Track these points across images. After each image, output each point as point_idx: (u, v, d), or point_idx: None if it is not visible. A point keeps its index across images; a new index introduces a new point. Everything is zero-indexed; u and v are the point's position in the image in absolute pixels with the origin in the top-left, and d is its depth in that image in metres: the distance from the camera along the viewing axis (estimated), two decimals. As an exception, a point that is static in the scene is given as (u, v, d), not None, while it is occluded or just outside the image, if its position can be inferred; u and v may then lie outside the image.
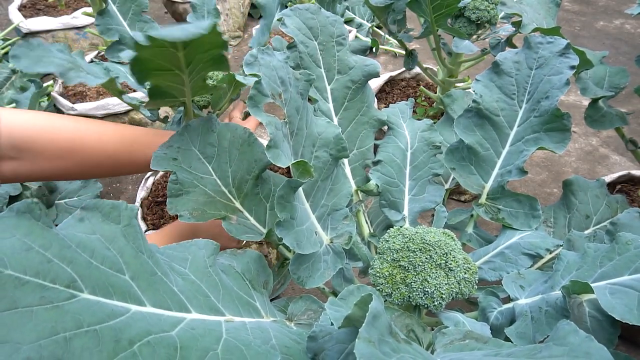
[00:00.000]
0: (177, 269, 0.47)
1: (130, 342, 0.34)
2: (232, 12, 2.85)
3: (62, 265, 0.33)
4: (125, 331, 0.34)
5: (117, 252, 0.38)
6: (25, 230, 0.33)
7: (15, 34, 2.40)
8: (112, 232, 0.39)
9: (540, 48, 0.89)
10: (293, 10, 0.89)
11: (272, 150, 0.51)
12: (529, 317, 0.63)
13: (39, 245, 0.33)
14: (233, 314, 0.48)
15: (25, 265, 0.31)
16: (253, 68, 0.48)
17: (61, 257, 0.34)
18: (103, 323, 0.33)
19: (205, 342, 0.40)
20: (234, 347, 0.41)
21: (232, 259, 0.61)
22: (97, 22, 1.34)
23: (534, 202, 0.91)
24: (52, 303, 0.31)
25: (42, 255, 0.33)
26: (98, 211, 0.39)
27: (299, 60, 0.89)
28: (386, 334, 0.30)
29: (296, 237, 0.62)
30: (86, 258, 0.36)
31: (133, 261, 0.39)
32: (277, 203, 0.57)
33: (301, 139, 0.67)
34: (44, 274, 0.32)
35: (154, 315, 0.38)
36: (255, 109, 0.44)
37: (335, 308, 0.41)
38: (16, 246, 0.32)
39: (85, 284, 0.34)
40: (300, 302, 0.65)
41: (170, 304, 0.40)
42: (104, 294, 0.35)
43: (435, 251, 0.70)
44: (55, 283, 0.32)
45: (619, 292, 0.56)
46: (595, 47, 2.73)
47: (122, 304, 0.36)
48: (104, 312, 0.34)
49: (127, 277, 0.38)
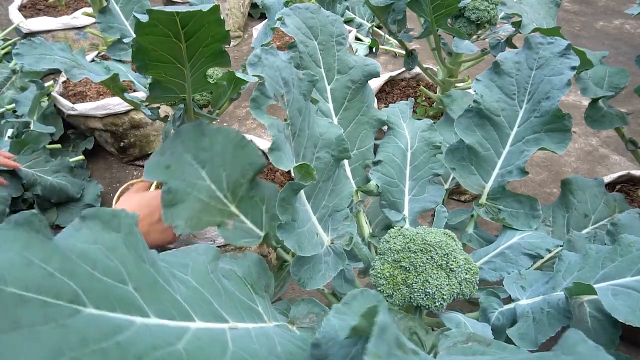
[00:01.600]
0: (178, 276, 0.46)
1: (138, 359, 0.33)
2: (232, 12, 2.85)
3: (64, 279, 0.32)
4: (131, 347, 0.33)
5: (119, 262, 0.37)
6: (24, 243, 0.32)
7: (16, 34, 2.39)
8: (113, 241, 0.38)
9: (541, 48, 0.89)
10: (293, 9, 0.89)
11: (274, 153, 0.51)
12: (531, 318, 0.63)
13: (39, 259, 0.32)
14: (236, 320, 0.47)
15: (27, 282, 0.30)
16: (257, 69, 0.48)
17: (62, 270, 0.33)
18: (109, 340, 0.32)
19: (212, 354, 0.39)
20: (241, 358, 0.41)
21: (233, 263, 0.61)
22: (99, 20, 1.34)
23: (534, 203, 0.91)
24: (56, 321, 0.30)
25: (44, 269, 0.31)
26: (98, 219, 0.38)
27: (299, 60, 0.89)
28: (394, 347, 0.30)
29: (297, 239, 0.62)
30: (88, 270, 0.35)
31: (135, 271, 0.38)
32: (278, 205, 0.57)
33: (303, 139, 0.67)
34: (47, 289, 0.31)
35: (159, 326, 0.37)
36: (257, 111, 0.43)
37: (340, 317, 0.40)
38: (16, 261, 0.30)
39: (88, 297, 0.33)
40: (302, 305, 0.64)
41: (174, 313, 0.40)
42: (108, 308, 0.34)
43: (436, 252, 0.70)
44: (59, 299, 0.31)
45: (622, 294, 0.56)
46: (595, 47, 2.73)
47: (126, 317, 0.35)
48: (108, 327, 0.33)
49: (131, 288, 0.37)
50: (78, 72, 1.08)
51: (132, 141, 1.94)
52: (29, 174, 1.58)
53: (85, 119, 1.82)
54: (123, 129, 1.87)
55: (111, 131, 1.86)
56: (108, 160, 2.06)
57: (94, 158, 2.05)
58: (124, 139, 1.92)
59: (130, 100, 1.22)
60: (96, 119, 1.81)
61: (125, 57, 1.38)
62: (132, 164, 2.03)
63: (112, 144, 1.93)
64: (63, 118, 1.90)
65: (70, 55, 1.13)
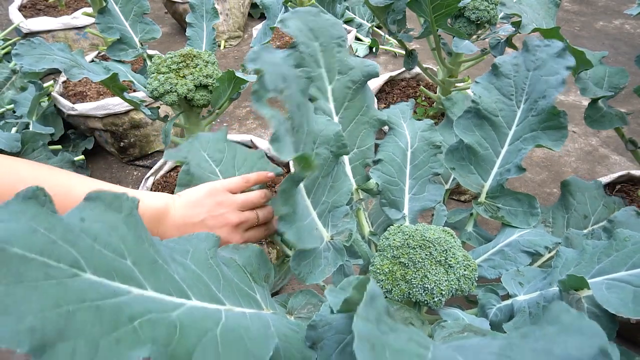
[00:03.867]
0: (178, 260, 0.48)
1: (131, 319, 0.35)
2: (232, 12, 2.85)
3: (66, 246, 0.35)
4: (126, 308, 0.35)
5: (119, 239, 0.40)
6: (31, 215, 0.34)
7: (16, 34, 2.40)
8: (114, 220, 0.40)
9: (538, 50, 0.91)
10: (294, 12, 0.90)
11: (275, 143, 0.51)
12: (527, 313, 0.64)
13: (44, 228, 0.34)
14: (233, 304, 0.48)
15: (31, 245, 0.32)
16: (256, 63, 0.48)
17: (65, 239, 0.35)
18: (105, 300, 0.34)
19: (205, 323, 0.41)
20: (233, 328, 0.43)
21: (234, 253, 0.61)
22: (98, 21, 1.35)
23: (532, 200, 0.92)
24: (56, 279, 0.32)
25: (47, 237, 0.34)
26: (100, 201, 0.40)
27: (300, 60, 0.90)
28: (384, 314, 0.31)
29: (297, 232, 0.63)
30: (89, 242, 0.37)
31: (135, 248, 0.40)
32: (279, 197, 0.57)
33: (302, 135, 0.67)
34: (49, 253, 0.33)
35: (155, 298, 0.39)
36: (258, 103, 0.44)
37: (335, 294, 0.42)
38: (22, 228, 0.33)
39: (88, 265, 0.35)
40: (300, 296, 0.65)
41: (171, 290, 0.41)
42: (107, 276, 0.36)
43: (435, 248, 0.70)
44: (60, 262, 0.33)
45: (615, 287, 0.57)
46: (595, 47, 2.73)
47: (124, 286, 0.37)
48: (106, 291, 0.35)
49: (129, 262, 0.39)
50: (77, 72, 1.09)
51: (132, 141, 1.95)
52: (30, 173, 1.58)
53: (85, 119, 1.82)
54: (123, 129, 1.87)
55: (111, 131, 1.86)
56: (108, 160, 2.07)
57: (94, 158, 2.06)
58: (124, 139, 1.92)
59: (130, 100, 1.23)
60: (96, 119, 1.81)
61: (125, 57, 1.39)
62: (132, 164, 2.03)
63: (112, 144, 1.94)
64: (63, 118, 1.91)
65: (69, 55, 1.14)
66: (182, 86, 1.17)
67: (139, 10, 1.42)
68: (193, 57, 1.21)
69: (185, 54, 1.21)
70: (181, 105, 1.25)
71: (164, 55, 1.23)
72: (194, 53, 1.22)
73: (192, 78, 1.18)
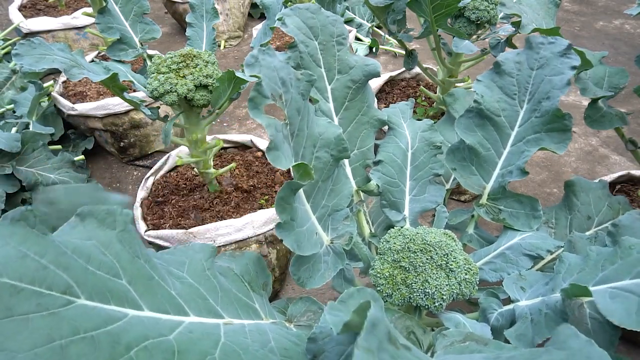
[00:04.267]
0: (174, 273, 0.47)
1: (127, 347, 0.33)
2: (232, 12, 2.85)
3: (58, 271, 0.33)
4: (122, 336, 0.34)
5: (113, 257, 0.38)
6: (20, 238, 0.33)
7: (16, 34, 2.39)
8: (107, 238, 0.39)
9: (542, 48, 0.89)
10: (293, 9, 0.89)
11: (271, 152, 0.51)
12: (529, 320, 0.63)
13: (34, 252, 0.33)
14: (232, 316, 0.48)
15: (21, 273, 0.31)
16: (254, 69, 0.48)
17: (57, 263, 0.33)
18: (100, 329, 0.33)
19: (203, 345, 0.39)
20: (232, 351, 0.41)
21: (231, 261, 0.61)
22: (98, 21, 1.34)
23: (535, 203, 0.91)
24: (48, 310, 0.31)
25: (38, 262, 0.32)
26: (93, 217, 0.39)
27: (299, 60, 0.89)
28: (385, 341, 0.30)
29: (296, 239, 0.62)
30: (82, 264, 0.35)
31: (130, 266, 0.39)
32: (277, 205, 0.57)
33: (302, 139, 0.67)
34: (40, 281, 0.32)
35: (152, 319, 0.38)
36: (255, 111, 0.43)
37: (335, 313, 0.41)
38: (11, 254, 0.31)
39: (81, 289, 0.34)
40: (299, 303, 0.64)
41: (168, 308, 0.40)
42: (101, 299, 0.35)
43: (436, 252, 0.70)
44: (52, 290, 0.32)
45: (619, 297, 0.56)
46: (595, 47, 2.73)
47: (119, 309, 0.36)
48: (100, 318, 0.34)
49: (124, 282, 0.38)
50: (77, 71, 1.08)
51: (132, 141, 1.94)
52: (29, 173, 1.58)
53: (85, 119, 1.82)
54: (123, 129, 1.87)
55: (111, 131, 1.86)
56: (108, 160, 2.06)
57: (94, 158, 2.05)
58: (124, 139, 1.92)
59: (130, 100, 1.22)
60: (96, 119, 1.81)
61: (125, 57, 1.38)
62: (132, 163, 2.03)
63: (112, 144, 1.93)
64: (63, 118, 1.90)
65: (69, 55, 1.13)
66: (182, 86, 1.16)
67: (139, 10, 1.42)
68: (193, 57, 1.21)
69: (185, 54, 1.20)
70: (181, 105, 1.25)
71: (164, 55, 1.22)
72: (194, 53, 1.21)
73: (192, 78, 1.18)
